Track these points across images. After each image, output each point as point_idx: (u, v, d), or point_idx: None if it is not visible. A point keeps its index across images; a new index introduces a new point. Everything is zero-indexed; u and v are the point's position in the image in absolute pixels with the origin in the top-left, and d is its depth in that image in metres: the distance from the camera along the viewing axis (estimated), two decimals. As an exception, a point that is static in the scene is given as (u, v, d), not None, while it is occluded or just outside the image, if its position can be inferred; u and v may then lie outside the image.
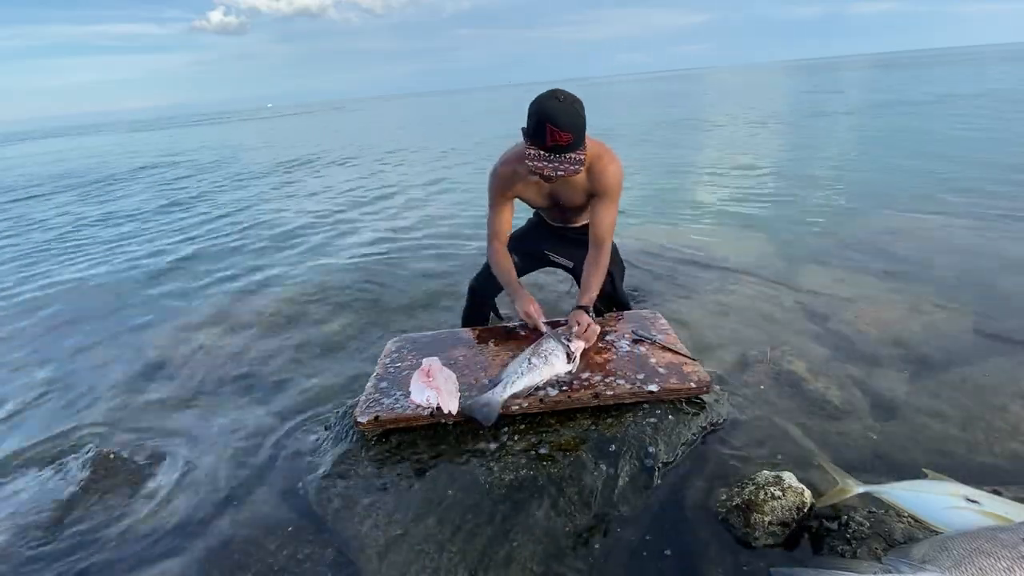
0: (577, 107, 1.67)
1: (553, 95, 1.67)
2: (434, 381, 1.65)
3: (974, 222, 3.74)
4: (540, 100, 1.67)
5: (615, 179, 1.88)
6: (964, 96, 12.98)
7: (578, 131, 1.66)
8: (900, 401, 1.87)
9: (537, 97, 1.69)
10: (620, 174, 1.90)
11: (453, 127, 19.12)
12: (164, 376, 2.55)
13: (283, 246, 4.78)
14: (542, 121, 1.63)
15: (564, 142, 1.64)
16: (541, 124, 1.63)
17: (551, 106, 1.64)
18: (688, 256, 3.53)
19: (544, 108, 1.64)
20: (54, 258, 5.02)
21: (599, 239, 1.93)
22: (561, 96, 1.66)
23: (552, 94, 1.67)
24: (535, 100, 1.68)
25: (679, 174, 6.68)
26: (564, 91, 1.70)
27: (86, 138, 36.66)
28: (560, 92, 1.69)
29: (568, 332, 1.82)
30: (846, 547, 1.17)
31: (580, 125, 1.66)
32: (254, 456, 1.87)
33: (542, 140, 1.65)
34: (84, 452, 1.94)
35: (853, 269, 3.10)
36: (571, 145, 1.65)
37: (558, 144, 1.64)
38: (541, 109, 1.64)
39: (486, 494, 1.42)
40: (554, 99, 1.65)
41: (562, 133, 1.63)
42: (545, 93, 1.69)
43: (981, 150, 6.35)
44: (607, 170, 1.86)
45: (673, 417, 1.62)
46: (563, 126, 1.62)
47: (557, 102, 1.64)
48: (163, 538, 1.54)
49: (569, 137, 1.64)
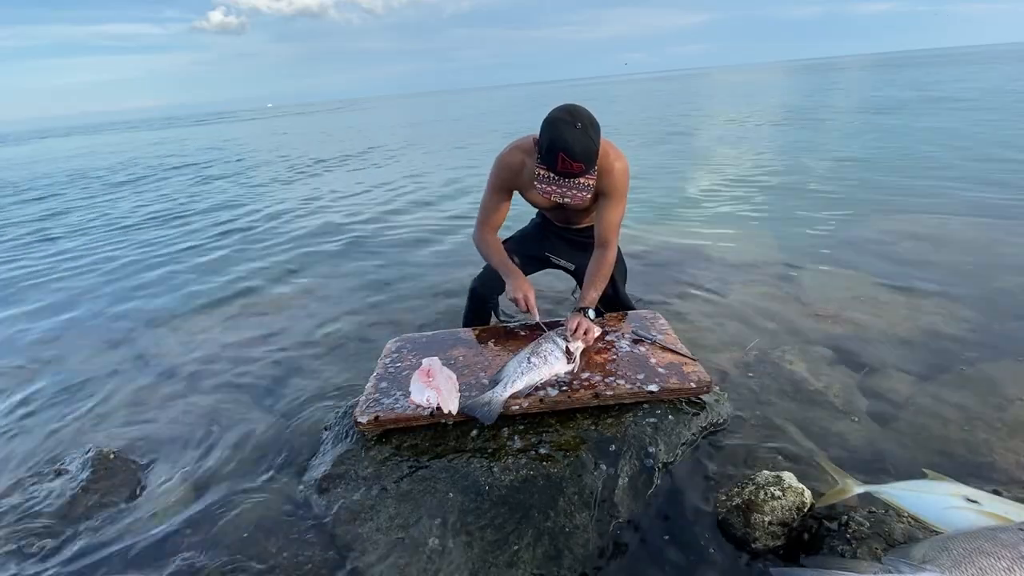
0: (591, 133, 1.60)
1: (570, 120, 1.58)
2: (434, 381, 1.65)
3: (975, 220, 3.74)
4: (555, 123, 1.59)
5: (621, 177, 1.81)
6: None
7: (590, 159, 1.61)
8: (900, 401, 1.87)
9: (552, 115, 1.61)
10: (626, 172, 1.83)
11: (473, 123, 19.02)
12: (164, 376, 2.54)
13: (285, 245, 4.78)
14: (555, 147, 1.58)
15: (575, 171, 1.61)
16: (553, 150, 1.58)
17: (566, 134, 1.56)
18: (688, 256, 3.53)
19: (559, 134, 1.57)
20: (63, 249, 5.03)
21: (604, 239, 1.89)
22: (578, 122, 1.58)
23: (568, 118, 1.58)
24: (550, 119, 1.61)
25: (679, 174, 6.68)
26: (581, 111, 1.61)
27: (108, 136, 36.66)
28: (577, 115, 1.59)
29: (566, 331, 1.82)
30: (846, 547, 1.17)
31: (593, 152, 1.61)
32: (254, 456, 1.86)
33: (553, 164, 1.61)
34: (84, 452, 1.94)
35: (854, 269, 3.10)
36: (580, 172, 1.62)
37: (568, 171, 1.61)
38: (555, 134, 1.57)
39: (486, 494, 1.42)
40: (570, 125, 1.57)
41: (574, 163, 1.59)
42: (561, 113, 1.60)
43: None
44: (613, 168, 1.79)
45: (673, 417, 1.62)
46: (576, 156, 1.58)
47: (573, 129, 1.57)
48: (163, 539, 1.54)
49: (580, 167, 1.60)
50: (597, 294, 1.90)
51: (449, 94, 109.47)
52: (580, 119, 1.59)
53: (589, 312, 1.88)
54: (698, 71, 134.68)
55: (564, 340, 1.78)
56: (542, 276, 2.50)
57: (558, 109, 1.63)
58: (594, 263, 1.91)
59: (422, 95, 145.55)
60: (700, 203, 5.08)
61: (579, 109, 1.62)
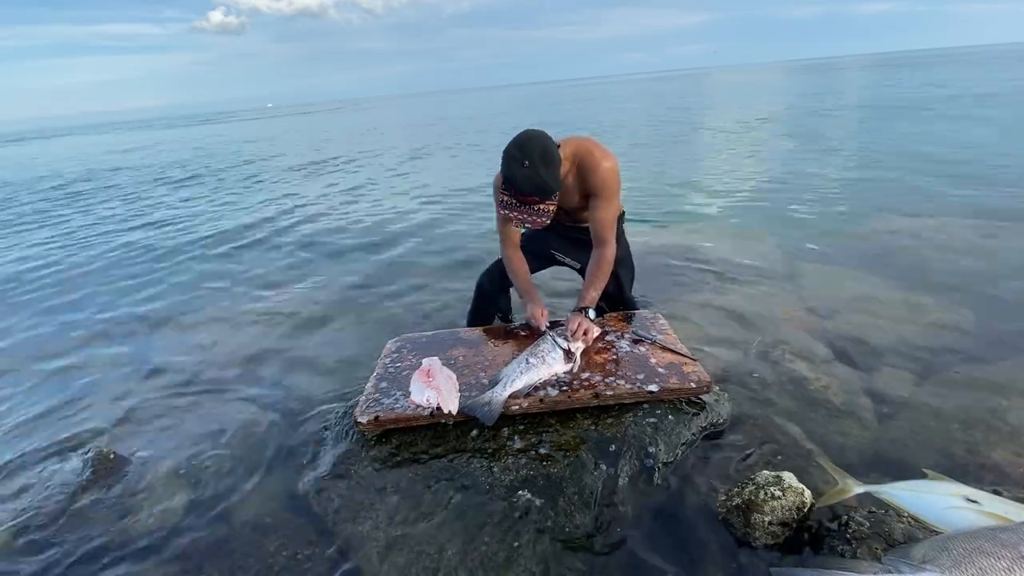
0: (540, 169, 1.65)
1: (519, 156, 1.65)
2: (434, 381, 1.65)
3: (976, 221, 3.74)
4: (506, 159, 1.68)
5: (607, 176, 1.83)
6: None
7: (541, 191, 1.70)
8: (900, 401, 1.87)
9: (507, 148, 1.68)
10: (613, 170, 1.85)
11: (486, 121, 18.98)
12: (164, 376, 2.54)
13: (286, 245, 4.78)
14: (508, 179, 1.70)
15: (530, 202, 1.73)
16: (508, 181, 1.71)
17: (515, 172, 1.66)
18: (688, 256, 3.52)
19: (509, 172, 1.68)
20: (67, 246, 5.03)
21: (600, 238, 1.91)
22: (526, 160, 1.64)
23: (518, 155, 1.65)
24: (505, 152, 1.69)
25: (679, 174, 6.68)
26: (531, 145, 1.65)
27: (132, 134, 36.64)
28: (527, 150, 1.65)
29: (567, 332, 1.82)
30: (846, 547, 1.17)
31: (545, 185, 1.68)
32: (254, 456, 1.86)
33: (510, 191, 1.75)
34: (84, 452, 1.94)
35: (854, 269, 3.10)
36: (536, 202, 1.74)
37: (525, 201, 1.74)
38: (506, 171, 1.69)
39: (486, 494, 1.42)
40: (519, 163, 1.65)
41: (526, 197, 1.72)
42: (513, 149, 1.67)
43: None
44: (599, 167, 1.82)
45: (673, 417, 1.62)
46: (526, 192, 1.69)
47: (521, 168, 1.64)
48: (163, 538, 1.54)
49: (535, 199, 1.72)
50: (597, 293, 1.91)
51: (449, 94, 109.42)
52: (529, 155, 1.65)
53: (589, 312, 1.88)
54: (698, 71, 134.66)
55: (564, 340, 1.78)
56: (548, 276, 2.50)
57: (513, 142, 1.70)
58: (593, 262, 1.93)
59: (422, 95, 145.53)
60: (700, 203, 5.08)
61: (530, 143, 1.67)
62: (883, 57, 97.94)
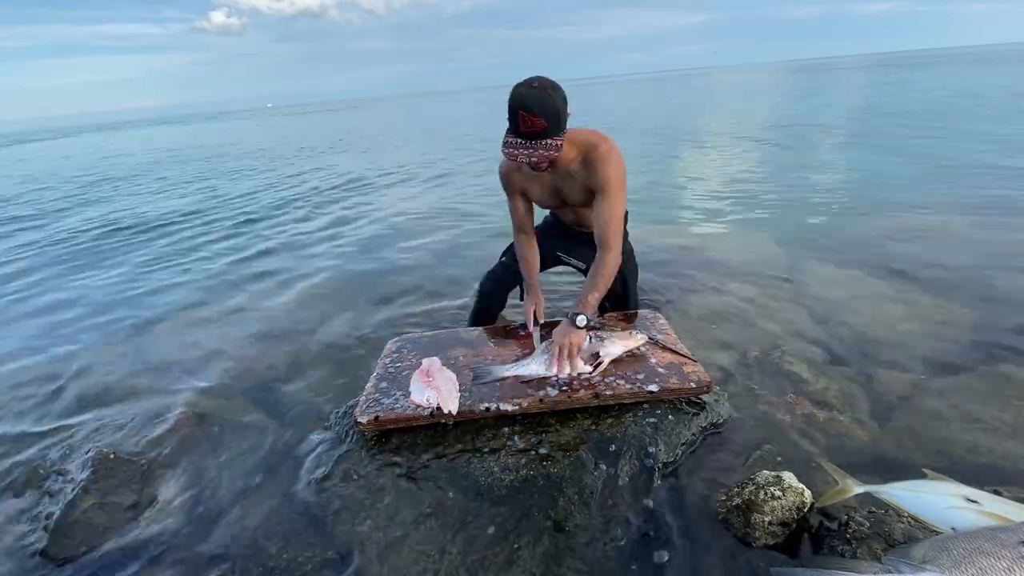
0: (551, 92, 1.62)
1: (528, 82, 1.64)
2: (434, 381, 1.65)
3: (977, 219, 3.74)
4: (514, 89, 1.65)
5: (613, 170, 1.75)
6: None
7: (551, 117, 1.62)
8: (900, 401, 1.87)
9: (514, 86, 1.66)
10: (620, 164, 1.76)
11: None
12: (163, 376, 2.54)
13: (286, 245, 4.78)
14: (515, 108, 1.62)
15: (537, 128, 1.62)
16: (514, 111, 1.62)
17: (522, 92, 1.61)
18: (688, 256, 3.52)
19: (516, 95, 1.62)
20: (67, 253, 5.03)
21: (602, 239, 1.79)
22: (536, 83, 1.63)
23: (527, 81, 1.64)
24: (512, 89, 1.66)
25: (679, 174, 6.68)
26: (542, 78, 1.66)
27: (150, 130, 36.69)
28: (536, 79, 1.65)
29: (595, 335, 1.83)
30: (846, 547, 1.17)
31: (554, 110, 1.61)
32: (254, 457, 1.86)
33: (515, 127, 1.64)
34: (84, 452, 1.93)
35: (854, 269, 3.10)
36: (545, 131, 1.62)
37: (532, 130, 1.62)
38: (514, 96, 1.63)
39: (486, 494, 1.42)
40: (527, 86, 1.63)
41: (534, 118, 1.60)
42: (522, 81, 1.66)
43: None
44: (605, 160, 1.74)
45: (673, 417, 1.62)
46: (534, 111, 1.60)
47: (529, 88, 1.62)
48: (162, 540, 1.54)
49: (542, 123, 1.61)
50: (595, 299, 1.80)
51: (449, 94, 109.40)
52: (537, 80, 1.64)
53: (580, 319, 1.73)
54: (698, 71, 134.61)
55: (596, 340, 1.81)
56: (552, 275, 2.49)
57: (519, 82, 1.67)
58: (594, 266, 1.82)
59: (422, 95, 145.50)
60: (700, 203, 5.08)
61: (539, 77, 1.66)
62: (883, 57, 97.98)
